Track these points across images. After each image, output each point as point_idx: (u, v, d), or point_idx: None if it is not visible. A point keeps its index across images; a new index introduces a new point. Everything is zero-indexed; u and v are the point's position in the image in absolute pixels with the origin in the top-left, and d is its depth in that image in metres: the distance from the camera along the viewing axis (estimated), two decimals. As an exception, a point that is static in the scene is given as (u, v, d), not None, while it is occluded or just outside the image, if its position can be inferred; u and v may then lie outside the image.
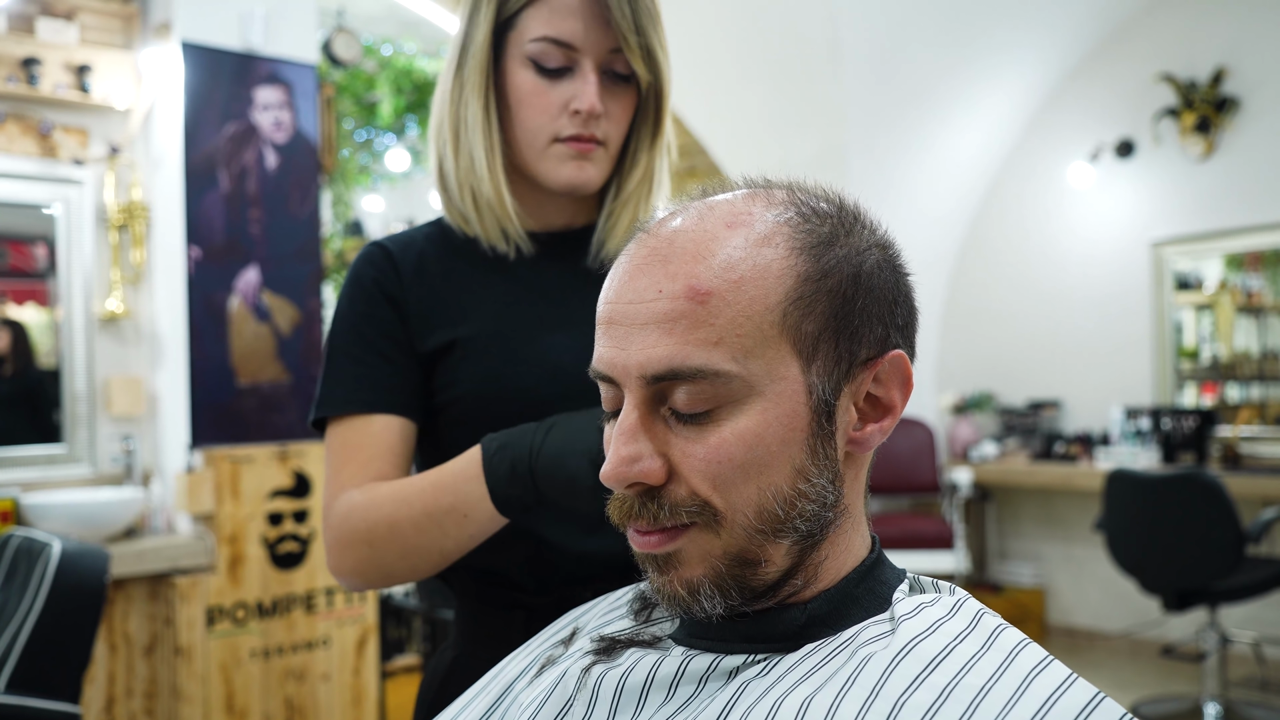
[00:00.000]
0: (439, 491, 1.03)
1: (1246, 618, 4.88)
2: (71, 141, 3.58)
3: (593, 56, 1.12)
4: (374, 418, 1.12)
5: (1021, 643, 0.65)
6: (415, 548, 1.05)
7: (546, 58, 1.12)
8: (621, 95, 1.16)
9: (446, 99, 1.19)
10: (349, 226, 4.34)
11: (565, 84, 1.13)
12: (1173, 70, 5.27)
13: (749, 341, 0.66)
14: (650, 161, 1.21)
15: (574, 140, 1.14)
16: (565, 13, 1.11)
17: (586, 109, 1.12)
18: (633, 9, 1.10)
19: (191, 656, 3.34)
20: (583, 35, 1.11)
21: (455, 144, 1.18)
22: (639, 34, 1.11)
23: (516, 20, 1.14)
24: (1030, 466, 5.40)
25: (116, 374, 3.67)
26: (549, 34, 1.11)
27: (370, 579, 1.09)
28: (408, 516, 1.04)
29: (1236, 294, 5.35)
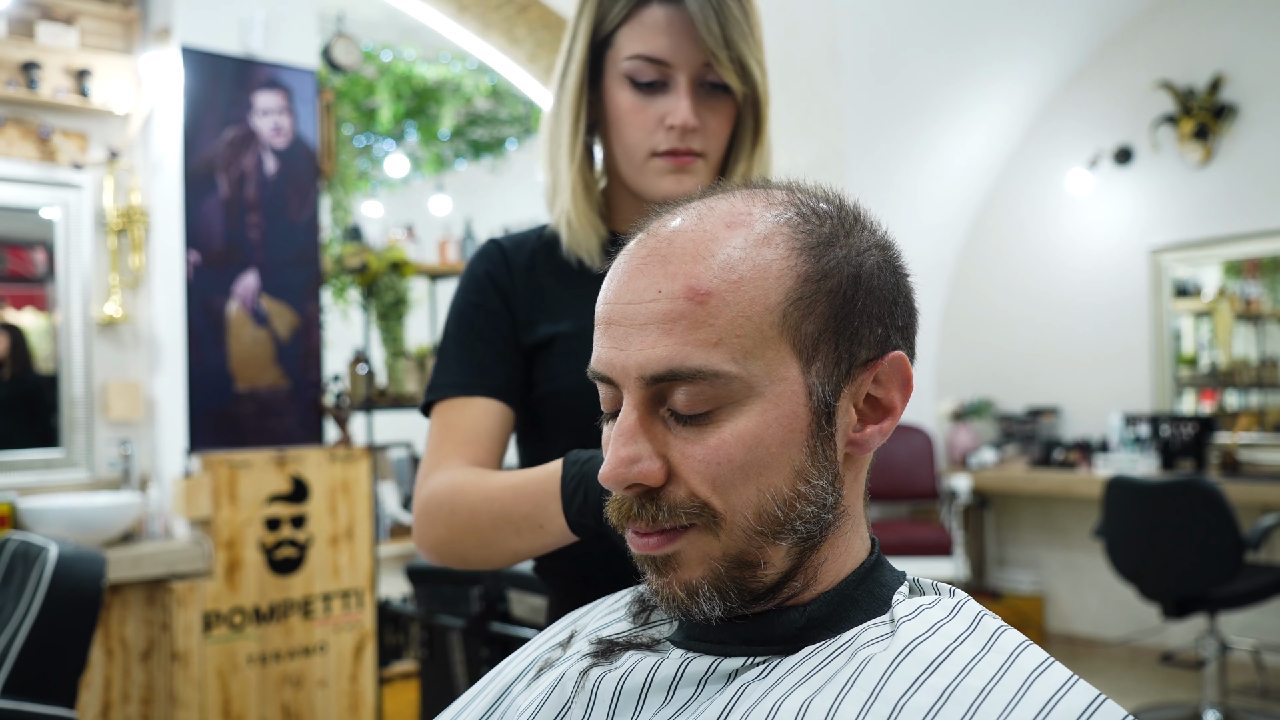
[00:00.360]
0: (520, 497, 1.04)
1: (1246, 625, 4.88)
2: (71, 146, 3.58)
3: (686, 71, 1.15)
4: (474, 400, 1.17)
5: (1022, 644, 0.65)
6: (490, 542, 1.08)
7: (640, 74, 1.15)
8: (719, 107, 1.18)
9: (549, 117, 1.24)
10: (348, 232, 4.34)
11: (661, 99, 1.16)
12: (1171, 77, 5.28)
13: (749, 342, 0.66)
14: (749, 170, 1.22)
15: (670, 155, 1.17)
16: (656, 30, 1.14)
17: (680, 124, 1.14)
18: (721, 23, 1.12)
19: (188, 662, 3.33)
20: (674, 51, 1.14)
21: (553, 160, 1.23)
22: (728, 47, 1.12)
23: (613, 39, 1.17)
24: (1029, 473, 5.39)
25: (114, 378, 3.67)
26: (641, 51, 1.15)
27: (446, 559, 1.13)
28: (488, 512, 1.07)
29: (1235, 301, 5.35)
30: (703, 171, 1.19)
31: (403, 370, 4.40)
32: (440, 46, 6.46)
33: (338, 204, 4.17)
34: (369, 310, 4.39)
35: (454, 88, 6.57)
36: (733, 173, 1.22)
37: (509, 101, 7.17)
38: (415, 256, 4.63)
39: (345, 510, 3.68)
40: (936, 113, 5.36)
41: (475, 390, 1.17)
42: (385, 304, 4.28)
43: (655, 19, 1.14)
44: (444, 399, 1.18)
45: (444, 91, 6.57)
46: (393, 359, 4.39)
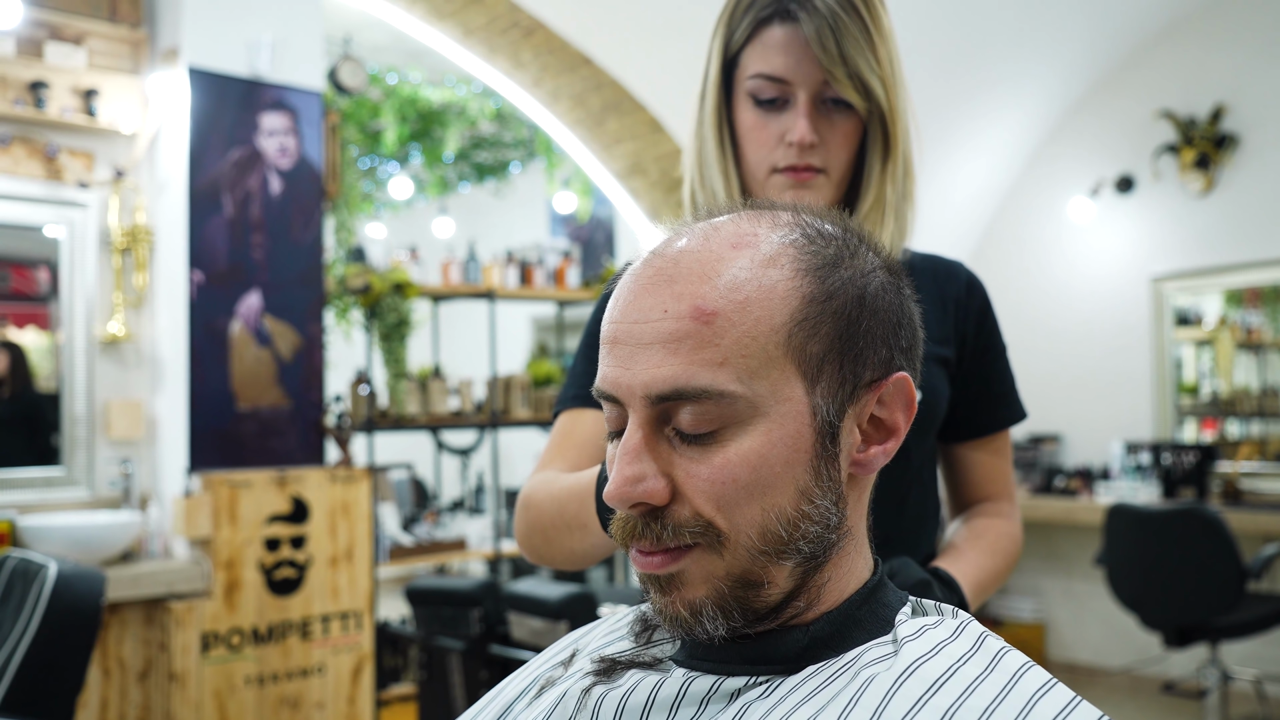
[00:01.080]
0: (570, 498, 1.08)
1: (1248, 655, 4.85)
2: (77, 165, 3.60)
3: (806, 88, 1.17)
4: (586, 412, 1.23)
5: (1025, 665, 0.64)
6: (552, 540, 1.13)
7: (761, 92, 1.19)
8: (841, 123, 1.19)
9: (693, 135, 1.27)
10: (351, 253, 4.35)
11: (781, 117, 1.19)
12: (1173, 107, 5.30)
13: (754, 362, 0.66)
14: (883, 188, 1.22)
15: (790, 170, 1.19)
16: (776, 49, 1.17)
17: (797, 140, 1.17)
18: (837, 40, 1.13)
19: (186, 682, 3.32)
20: (793, 69, 1.16)
21: (700, 177, 1.25)
22: (845, 64, 1.14)
23: (739, 59, 1.21)
24: (1031, 500, 5.38)
25: (116, 397, 3.67)
26: (762, 70, 1.18)
27: (528, 553, 1.19)
28: (549, 512, 1.12)
29: (1236, 330, 5.35)
30: (824, 187, 1.21)
31: (404, 391, 4.40)
32: (446, 70, 6.49)
33: (341, 225, 4.18)
34: (371, 331, 4.40)
35: (459, 111, 6.60)
36: (866, 190, 1.23)
37: (513, 125, 7.20)
38: (418, 278, 4.64)
39: (345, 531, 3.68)
40: (938, 141, 5.38)
41: (587, 402, 1.22)
42: (388, 325, 4.29)
43: (775, 38, 1.17)
44: (565, 410, 1.25)
45: (449, 114, 6.60)
46: (394, 380, 4.39)
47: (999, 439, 1.31)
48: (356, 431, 4.13)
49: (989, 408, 1.29)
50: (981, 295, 1.29)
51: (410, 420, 4.44)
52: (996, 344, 1.30)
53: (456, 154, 7.39)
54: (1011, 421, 1.30)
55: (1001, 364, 1.30)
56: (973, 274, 1.30)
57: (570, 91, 5.27)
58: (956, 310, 1.25)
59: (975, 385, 1.27)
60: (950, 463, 1.33)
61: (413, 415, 4.45)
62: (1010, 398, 1.31)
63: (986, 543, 1.24)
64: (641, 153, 5.42)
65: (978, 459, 1.30)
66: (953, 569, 1.16)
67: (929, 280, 1.26)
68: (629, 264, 0.74)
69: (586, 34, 4.97)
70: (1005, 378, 1.31)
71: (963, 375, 1.26)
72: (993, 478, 1.31)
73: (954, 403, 1.27)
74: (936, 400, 1.22)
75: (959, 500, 1.33)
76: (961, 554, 1.21)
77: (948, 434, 1.30)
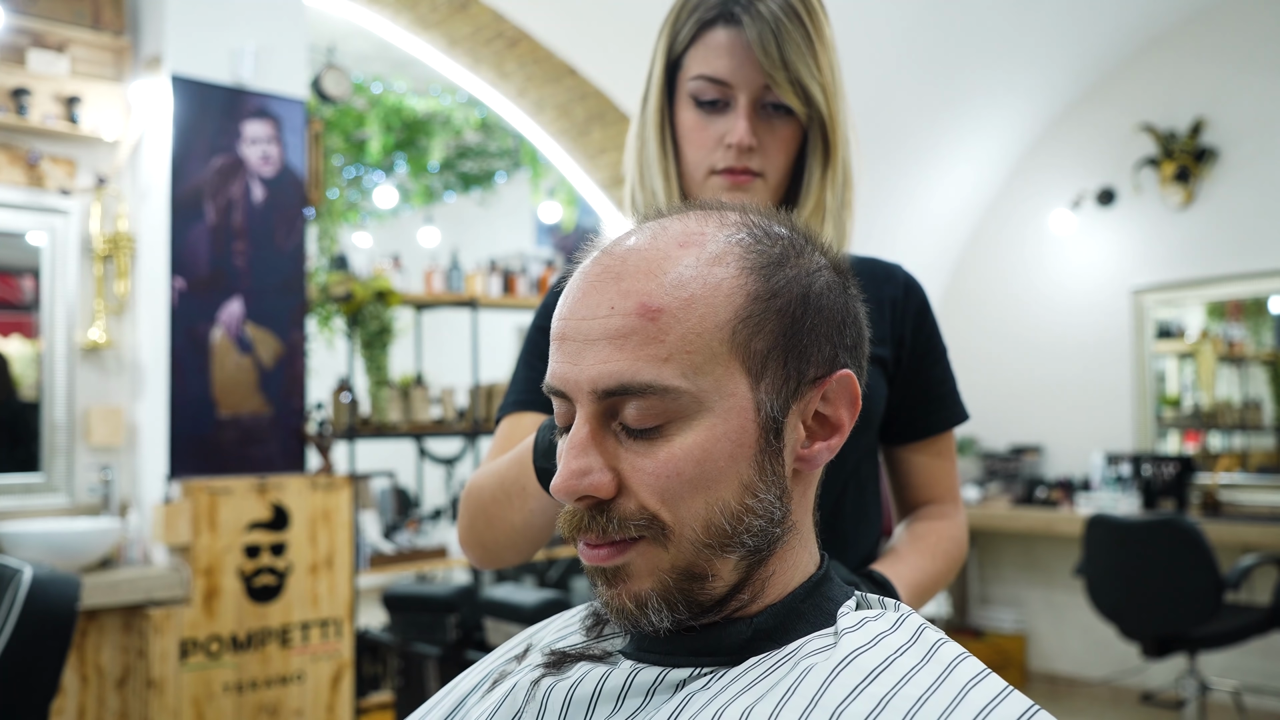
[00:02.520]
0: (509, 465, 1.09)
1: (1227, 665, 4.88)
2: (59, 171, 3.60)
3: (747, 92, 1.18)
4: (526, 415, 1.23)
5: (960, 655, 0.66)
6: (493, 517, 1.12)
7: (703, 93, 1.19)
8: (781, 128, 1.20)
9: (635, 136, 1.28)
10: (334, 261, 4.36)
11: (721, 119, 1.20)
12: (1153, 120, 5.35)
13: (698, 358, 0.67)
14: (821, 193, 1.23)
15: (728, 173, 1.20)
16: (719, 51, 1.18)
17: (736, 142, 1.18)
18: (779, 44, 1.14)
19: (164, 689, 3.31)
20: (735, 72, 1.17)
21: (641, 179, 1.26)
22: (786, 68, 1.15)
23: (682, 61, 1.22)
24: (1011, 511, 5.41)
25: (97, 404, 3.66)
26: (704, 72, 1.19)
27: (472, 549, 1.18)
28: (488, 486, 1.12)
29: (1218, 343, 5.39)
30: (761, 191, 1.21)
31: (386, 399, 4.40)
32: (431, 79, 6.51)
33: (324, 233, 4.19)
34: (353, 339, 4.40)
35: (444, 120, 6.62)
36: (806, 196, 1.23)
37: (498, 135, 7.22)
38: (401, 286, 4.65)
39: (325, 539, 3.67)
40: (920, 153, 5.42)
41: (530, 406, 1.22)
42: (370, 333, 4.29)
43: (718, 40, 1.18)
44: (507, 415, 1.24)
45: (434, 124, 6.61)
46: (376, 388, 4.40)
47: (941, 441, 1.31)
48: (338, 439, 4.13)
49: (930, 410, 1.29)
50: (920, 297, 1.29)
51: (392, 428, 4.44)
52: (937, 346, 1.30)
53: (442, 163, 7.40)
54: (953, 423, 1.30)
55: (942, 366, 1.31)
56: (911, 276, 1.30)
57: (555, 102, 5.29)
58: (893, 311, 1.26)
59: (916, 388, 1.28)
60: (894, 466, 1.33)
61: (394, 423, 4.45)
62: (951, 399, 1.31)
63: (926, 545, 1.24)
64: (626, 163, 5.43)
65: (920, 461, 1.31)
66: (890, 572, 1.17)
67: (865, 281, 1.26)
68: (576, 263, 0.75)
69: (571, 45, 5.00)
70: (946, 379, 1.31)
71: (902, 377, 1.27)
72: (936, 479, 1.31)
73: (895, 405, 1.28)
74: (872, 399, 1.22)
75: (904, 503, 1.34)
76: (900, 557, 1.22)
77: (890, 437, 1.30)
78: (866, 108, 5.01)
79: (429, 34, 4.94)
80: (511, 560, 1.18)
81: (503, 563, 1.18)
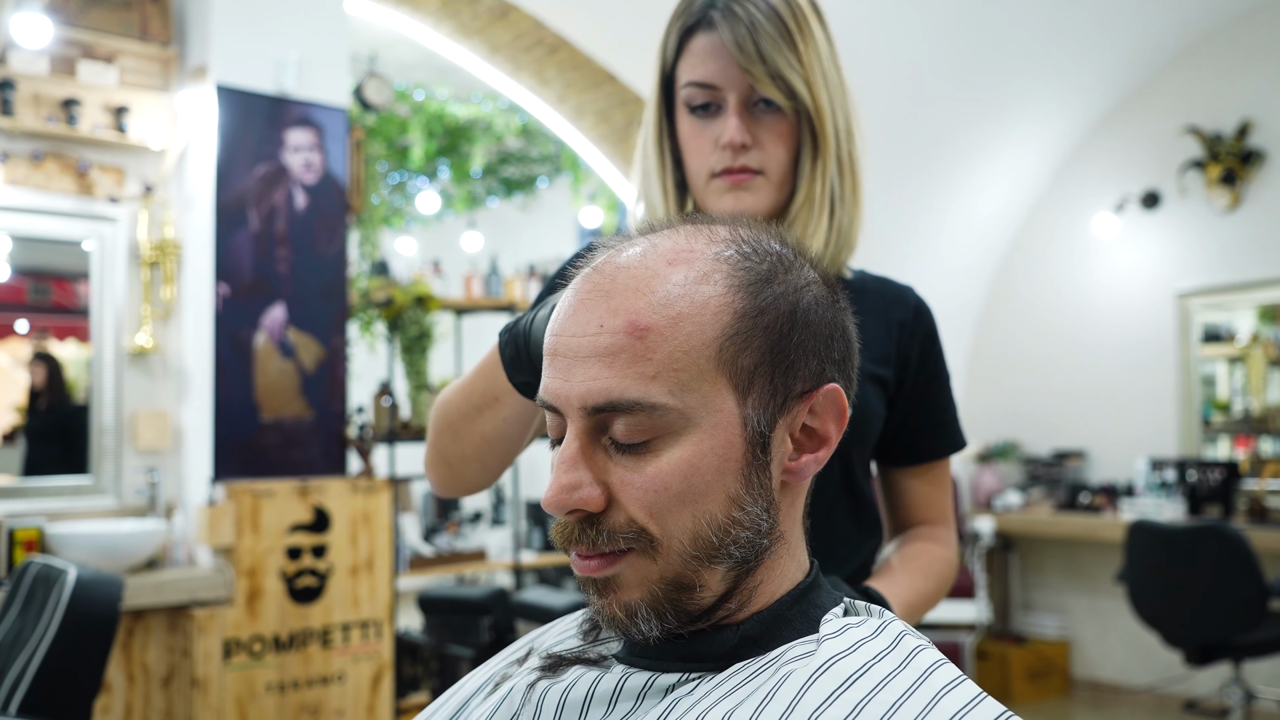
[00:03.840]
0: (476, 377, 1.12)
1: (1274, 674, 4.80)
2: (108, 180, 3.68)
3: (735, 92, 1.20)
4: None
5: (937, 663, 0.67)
6: (460, 431, 1.15)
7: (694, 99, 1.22)
8: (774, 124, 1.22)
9: (637, 153, 1.30)
10: (375, 266, 4.42)
11: (715, 122, 1.22)
12: (1198, 123, 5.28)
13: (685, 375, 0.69)
14: (810, 185, 1.23)
15: (727, 174, 1.22)
16: (705, 56, 1.20)
17: (727, 142, 1.20)
18: (755, 40, 1.16)
19: (208, 689, 3.38)
20: (720, 74, 1.19)
21: (645, 189, 1.28)
22: (764, 63, 1.17)
23: (676, 71, 1.24)
24: (1054, 516, 5.36)
25: (143, 407, 3.74)
26: (692, 78, 1.21)
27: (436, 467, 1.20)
28: (453, 400, 1.15)
29: (1269, 347, 5.31)
30: (764, 189, 1.22)
31: (426, 403, 4.46)
32: (472, 86, 6.57)
33: (366, 239, 4.25)
34: (394, 343, 4.46)
35: (485, 126, 6.68)
36: (798, 189, 1.24)
37: (539, 140, 7.27)
38: (441, 292, 4.70)
39: (366, 541, 3.73)
40: (962, 156, 5.39)
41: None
42: (410, 338, 4.34)
43: (701, 46, 1.20)
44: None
45: (475, 130, 6.67)
46: (416, 392, 4.45)
47: (938, 467, 1.32)
48: (378, 442, 4.18)
49: (929, 436, 1.30)
50: (929, 322, 1.29)
51: (432, 432, 4.49)
52: (941, 373, 1.31)
53: (484, 169, 7.46)
54: (950, 451, 1.31)
55: (944, 394, 1.31)
56: (922, 300, 1.30)
57: (594, 108, 5.33)
58: (900, 333, 1.26)
59: (918, 412, 1.28)
60: (889, 487, 1.34)
61: (435, 427, 4.49)
62: (950, 427, 1.31)
63: (920, 565, 1.25)
64: (665, 168, 5.45)
65: (915, 486, 1.31)
66: (884, 589, 1.18)
67: (876, 301, 1.27)
68: (578, 267, 0.77)
69: (609, 51, 5.03)
70: (947, 407, 1.31)
71: (904, 401, 1.27)
72: (930, 503, 1.32)
73: (895, 428, 1.28)
74: (868, 416, 1.23)
75: (896, 523, 1.34)
76: (894, 575, 1.23)
77: (887, 458, 1.31)
78: (905, 110, 5.00)
79: (470, 41, 4.99)
80: (475, 478, 1.19)
81: (465, 482, 1.19)
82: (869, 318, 1.25)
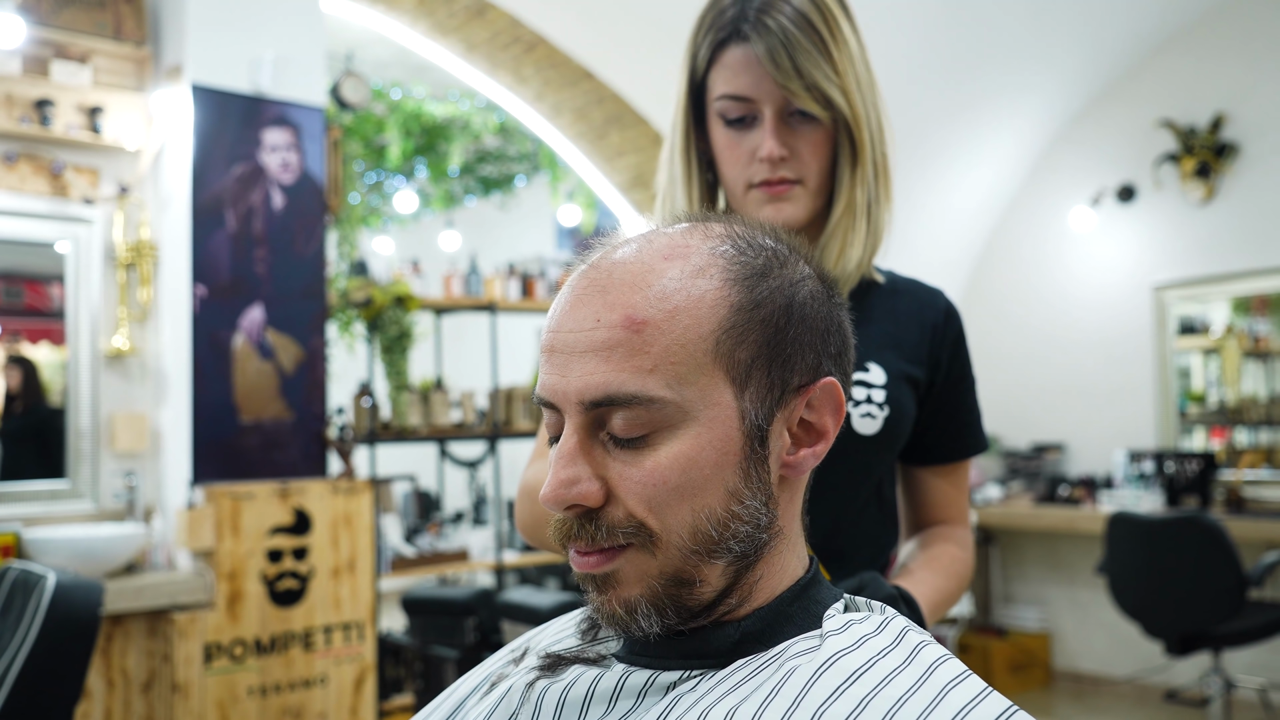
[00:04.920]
0: None
1: (1253, 663, 4.84)
2: (82, 181, 3.65)
3: (771, 104, 1.19)
4: None
5: (942, 657, 0.67)
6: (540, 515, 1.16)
7: (729, 112, 1.21)
8: (810, 134, 1.21)
9: (664, 158, 1.30)
10: (354, 266, 4.40)
11: (751, 134, 1.21)
12: (1173, 116, 5.32)
13: (683, 369, 0.69)
14: (852, 192, 1.23)
15: (765, 185, 1.22)
16: (738, 68, 1.19)
17: (765, 156, 1.19)
18: (790, 55, 1.15)
19: (189, 693, 3.35)
20: (754, 87, 1.19)
21: (670, 196, 1.28)
22: (801, 77, 1.16)
23: (707, 82, 1.23)
24: (1034, 509, 5.39)
25: (121, 410, 3.71)
26: (726, 91, 1.21)
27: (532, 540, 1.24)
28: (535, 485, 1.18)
29: (1244, 338, 5.35)
30: (802, 198, 1.23)
31: (406, 403, 4.44)
32: (449, 85, 6.54)
33: (344, 239, 4.22)
34: (373, 344, 4.44)
35: (463, 125, 6.65)
36: (838, 196, 1.24)
37: (517, 139, 7.25)
38: (420, 291, 4.68)
39: (347, 542, 3.71)
40: (939, 152, 5.40)
41: None
42: (389, 338, 4.32)
43: (733, 59, 1.19)
44: None
45: (453, 129, 6.65)
46: (396, 392, 4.43)
47: (960, 468, 1.34)
48: (359, 443, 4.16)
49: (954, 437, 1.31)
50: (958, 325, 1.31)
51: (412, 432, 4.47)
52: (968, 375, 1.32)
53: (461, 168, 7.44)
54: (974, 452, 1.33)
55: (970, 395, 1.33)
56: (951, 303, 1.32)
57: (572, 105, 5.31)
58: (933, 335, 1.27)
59: (944, 413, 1.30)
60: (910, 485, 1.35)
61: (415, 427, 4.48)
62: (975, 429, 1.33)
63: (942, 565, 1.26)
64: (644, 165, 5.45)
65: (937, 485, 1.33)
66: (911, 589, 1.18)
67: (910, 302, 1.29)
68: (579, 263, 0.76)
69: (587, 49, 5.02)
70: (973, 409, 1.33)
71: (933, 401, 1.28)
72: (950, 502, 1.33)
73: (921, 427, 1.29)
74: (903, 417, 1.23)
75: (914, 520, 1.36)
76: (917, 575, 1.23)
77: (912, 457, 1.32)
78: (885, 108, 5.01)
79: (447, 39, 4.97)
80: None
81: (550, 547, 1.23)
82: (903, 320, 1.27)
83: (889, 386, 1.22)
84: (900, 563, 1.30)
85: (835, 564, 1.21)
